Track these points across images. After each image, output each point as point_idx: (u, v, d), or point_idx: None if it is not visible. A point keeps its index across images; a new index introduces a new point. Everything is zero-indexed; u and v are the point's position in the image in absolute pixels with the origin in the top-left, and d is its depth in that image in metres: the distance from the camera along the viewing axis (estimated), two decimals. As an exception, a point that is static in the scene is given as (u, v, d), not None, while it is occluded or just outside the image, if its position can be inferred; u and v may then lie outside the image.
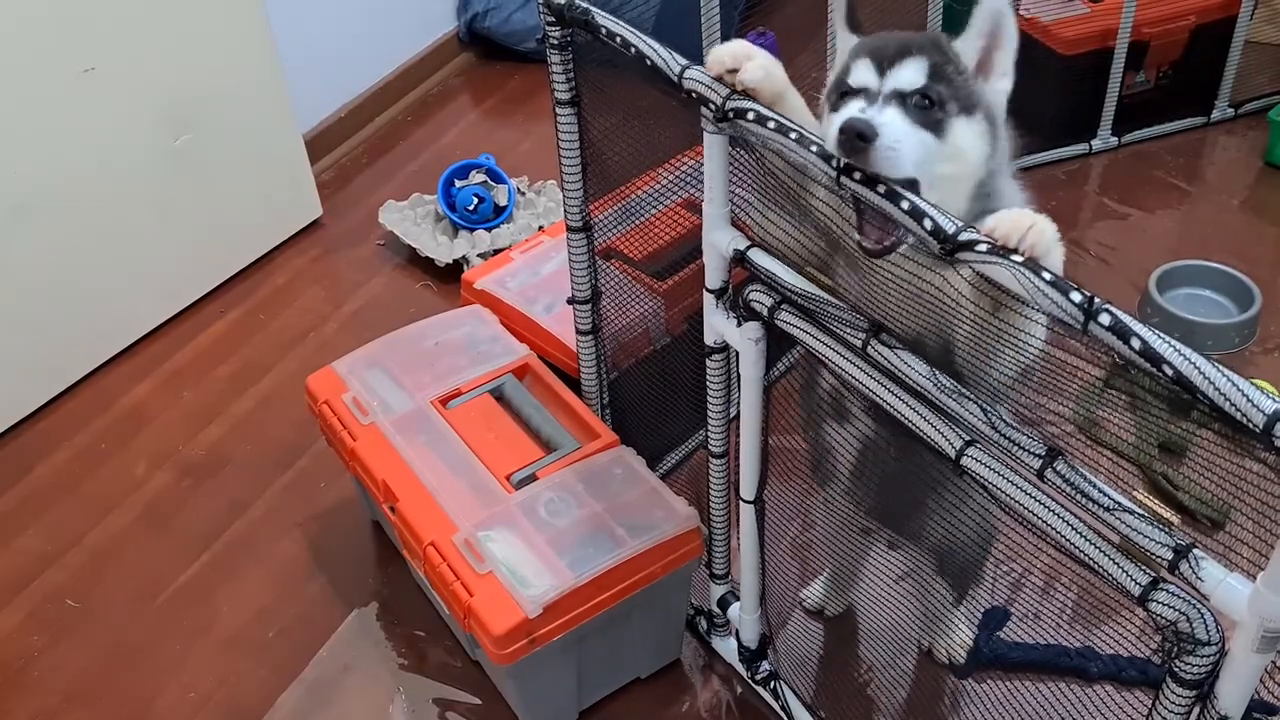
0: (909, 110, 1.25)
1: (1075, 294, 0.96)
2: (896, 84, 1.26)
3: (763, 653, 1.84)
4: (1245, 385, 0.86)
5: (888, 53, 1.28)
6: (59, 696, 1.94)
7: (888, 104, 1.25)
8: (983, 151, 1.30)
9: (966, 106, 1.28)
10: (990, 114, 1.31)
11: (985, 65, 1.31)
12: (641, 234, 1.90)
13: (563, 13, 1.50)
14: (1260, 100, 3.04)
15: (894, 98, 1.25)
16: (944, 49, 1.29)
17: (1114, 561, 1.04)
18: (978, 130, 1.29)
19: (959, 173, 1.29)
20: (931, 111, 1.25)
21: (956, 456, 1.18)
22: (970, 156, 1.29)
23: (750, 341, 1.47)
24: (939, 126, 1.26)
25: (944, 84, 1.26)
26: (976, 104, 1.29)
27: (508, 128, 3.31)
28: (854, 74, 1.29)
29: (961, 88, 1.28)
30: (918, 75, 1.26)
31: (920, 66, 1.26)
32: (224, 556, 2.16)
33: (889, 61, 1.27)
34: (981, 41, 1.30)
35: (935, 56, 1.27)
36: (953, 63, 1.29)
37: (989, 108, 1.31)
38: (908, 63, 1.26)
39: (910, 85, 1.25)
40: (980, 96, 1.30)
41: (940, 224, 1.07)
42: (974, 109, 1.28)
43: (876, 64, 1.28)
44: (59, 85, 2.30)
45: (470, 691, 1.90)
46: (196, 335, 2.65)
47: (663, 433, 2.13)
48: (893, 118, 1.23)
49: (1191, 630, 1.00)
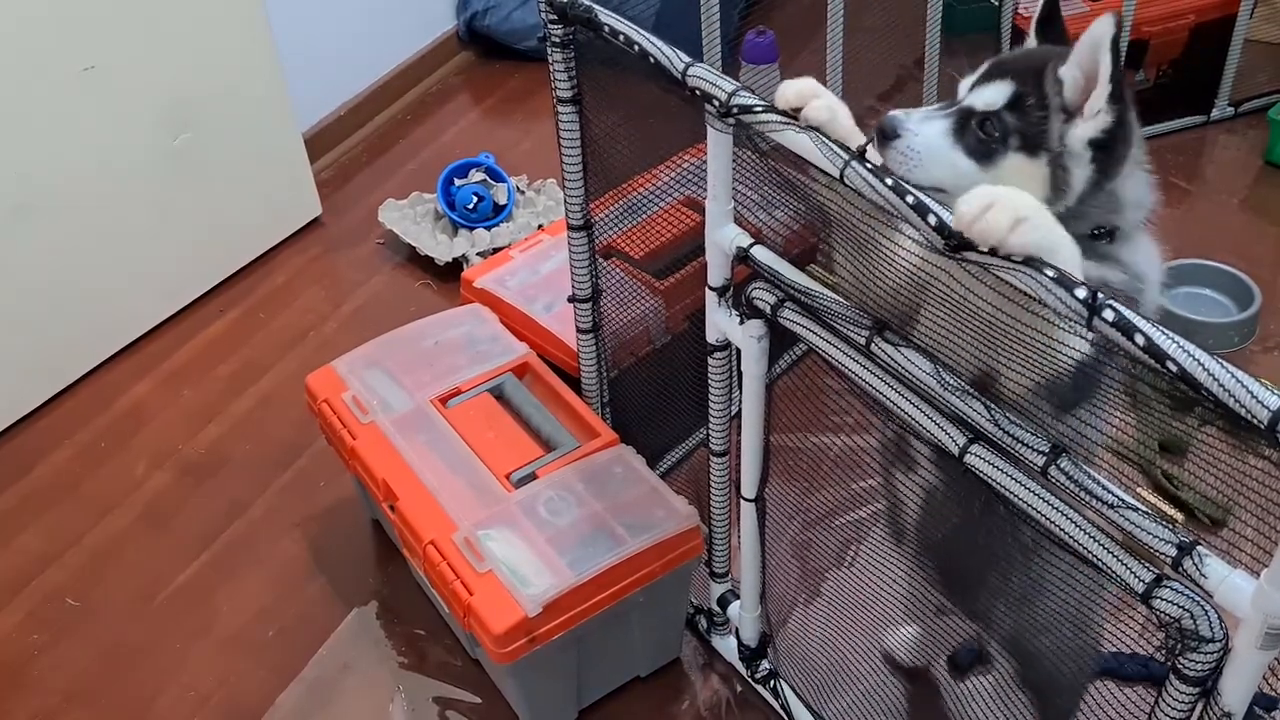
0: (968, 130, 1.24)
1: (1080, 290, 0.96)
2: (971, 100, 1.26)
3: (763, 651, 1.84)
4: (1249, 381, 0.86)
5: (991, 72, 1.28)
6: (59, 696, 1.94)
7: (950, 116, 1.25)
8: (1034, 194, 1.22)
9: (1030, 145, 1.24)
10: (1059, 161, 1.24)
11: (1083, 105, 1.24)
12: (642, 232, 1.90)
13: (565, 10, 1.50)
14: (1260, 99, 3.04)
15: (962, 113, 1.25)
16: (1041, 79, 1.24)
17: (1118, 559, 1.04)
18: (1031, 172, 1.24)
19: None
20: (988, 140, 1.24)
21: (960, 454, 1.18)
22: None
23: (753, 339, 1.47)
24: (988, 155, 1.24)
25: (1015, 115, 1.24)
26: (1043, 145, 1.24)
27: (507, 126, 3.31)
28: (968, 78, 1.30)
29: (1033, 125, 1.24)
30: (995, 98, 1.24)
31: (1000, 91, 1.25)
32: (224, 556, 2.15)
33: (983, 77, 1.28)
34: (1078, 74, 1.23)
35: (1023, 85, 1.24)
36: (1041, 95, 1.24)
37: (1059, 154, 1.24)
38: (992, 85, 1.26)
39: (983, 106, 1.25)
40: (1052, 139, 1.24)
41: (945, 220, 1.07)
42: (1038, 150, 1.24)
43: (978, 76, 1.28)
44: (58, 84, 2.30)
45: (470, 690, 1.90)
46: (196, 334, 2.65)
47: (663, 431, 2.13)
48: (931, 129, 1.22)
49: (1195, 627, 1.00)
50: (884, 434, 1.46)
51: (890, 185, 1.12)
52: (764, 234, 1.46)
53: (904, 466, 1.43)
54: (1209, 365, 0.88)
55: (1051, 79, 1.24)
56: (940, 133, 1.23)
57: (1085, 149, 1.23)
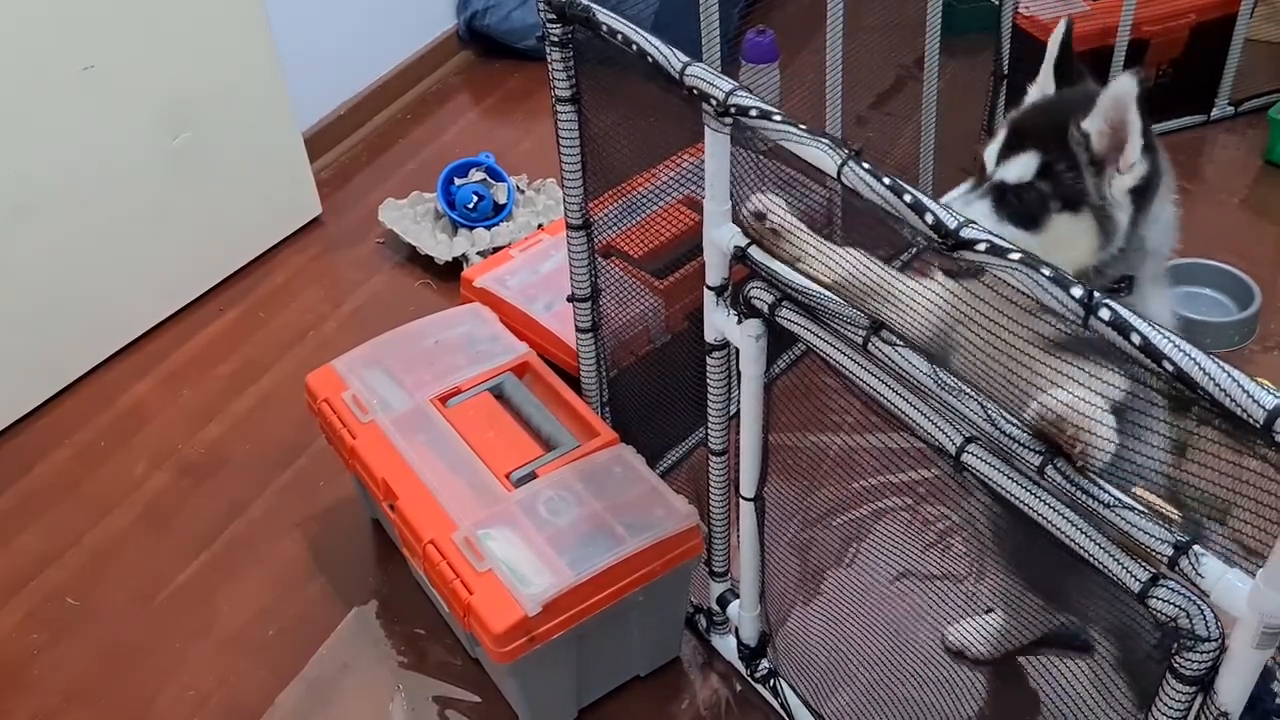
0: (1006, 203, 1.32)
1: (1076, 289, 0.96)
2: (1004, 175, 1.33)
3: (762, 651, 1.84)
4: (1245, 380, 0.86)
5: (1013, 140, 1.33)
6: (58, 696, 1.94)
7: (987, 195, 1.33)
8: (1086, 246, 1.31)
9: (1071, 204, 1.30)
10: (1102, 212, 1.30)
11: (1111, 154, 1.29)
12: (641, 231, 1.90)
13: (563, 10, 1.50)
14: (1260, 98, 3.04)
15: (997, 189, 1.32)
16: (1065, 140, 1.29)
17: (1114, 558, 1.04)
18: (1080, 227, 1.30)
19: (1056, 260, 1.24)
20: (1029, 207, 1.30)
21: (957, 454, 1.18)
22: (1068, 250, 1.30)
23: (751, 339, 1.47)
24: (1034, 221, 1.31)
25: (1050, 181, 1.29)
26: (1084, 201, 1.30)
27: (507, 126, 3.31)
28: (989, 145, 1.36)
29: (1069, 185, 1.29)
30: (1025, 171, 1.31)
31: (1029, 163, 1.31)
32: (223, 555, 2.16)
33: (1006, 150, 1.33)
34: (1105, 127, 1.28)
35: (1049, 152, 1.30)
36: (1069, 157, 1.29)
37: (1100, 205, 1.30)
38: (1020, 158, 1.31)
39: (1015, 179, 1.31)
40: (1091, 194, 1.30)
41: (942, 219, 1.07)
42: (1080, 206, 1.30)
43: (1000, 147, 1.34)
44: (58, 84, 2.30)
45: (470, 689, 1.90)
46: (196, 334, 2.65)
47: (662, 431, 2.13)
48: (977, 215, 1.27)
49: (1191, 626, 1.00)
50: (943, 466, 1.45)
51: (888, 184, 1.12)
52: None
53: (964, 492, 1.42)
54: (1205, 365, 0.88)
55: (1076, 137, 1.29)
56: (983, 214, 1.31)
57: (1126, 197, 1.29)
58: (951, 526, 1.99)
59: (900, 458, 1.94)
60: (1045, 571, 1.42)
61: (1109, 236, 1.31)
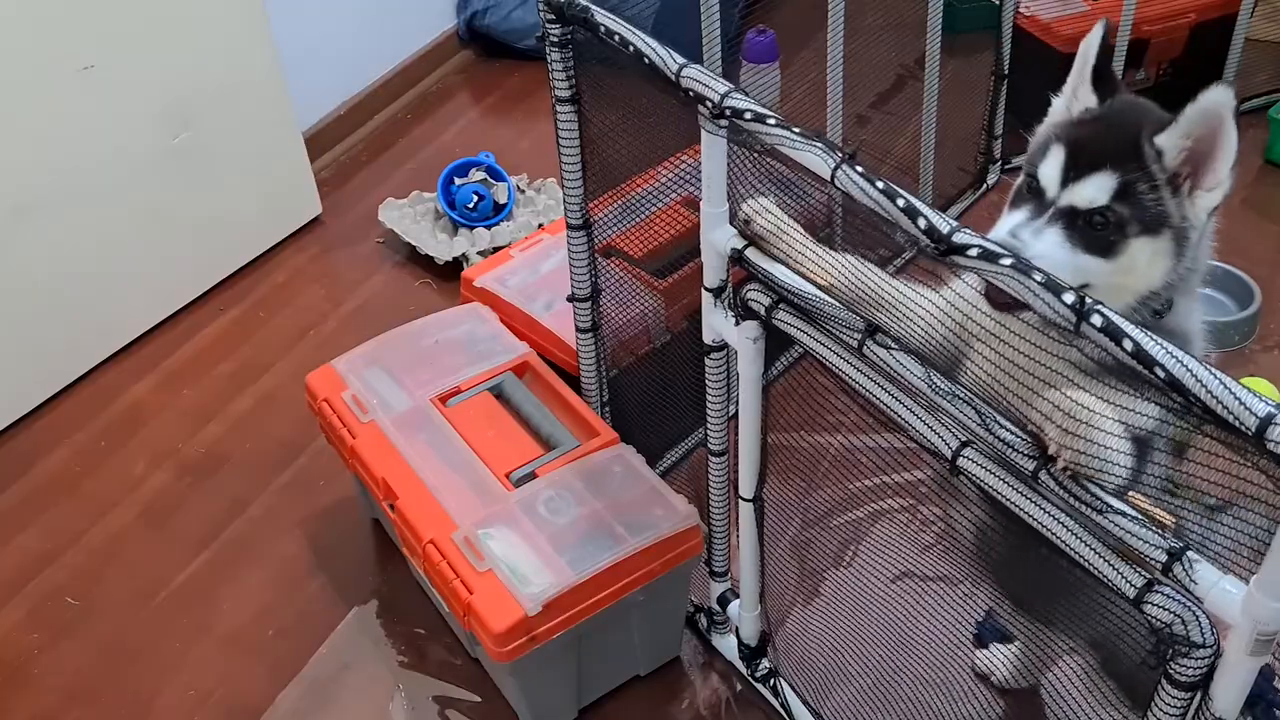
0: (1078, 229, 1.18)
1: (1068, 295, 0.96)
2: (1074, 199, 1.19)
3: (762, 650, 1.84)
4: (1237, 388, 0.86)
5: (1078, 159, 1.19)
6: (59, 695, 1.94)
7: (1054, 221, 1.19)
8: (1161, 269, 1.20)
9: (1151, 226, 1.18)
10: (1181, 232, 1.19)
11: (1192, 172, 1.19)
12: (641, 231, 1.91)
13: (563, 10, 1.50)
14: (1260, 98, 3.04)
15: (1065, 214, 1.19)
16: (1141, 157, 1.18)
17: (1109, 563, 1.04)
18: (1159, 249, 1.19)
19: (1126, 285, 1.21)
20: (1106, 232, 1.17)
21: (952, 458, 1.18)
22: (1142, 275, 1.21)
23: (748, 340, 1.47)
24: (1111, 248, 1.18)
25: (1129, 203, 1.17)
26: (1165, 223, 1.18)
27: (507, 125, 3.31)
28: (1044, 164, 1.22)
29: (1150, 206, 1.18)
30: (1100, 194, 1.18)
31: (1106, 184, 1.18)
32: (223, 555, 2.16)
33: (1075, 172, 1.19)
34: (1189, 143, 1.17)
35: (1128, 171, 1.18)
36: (1147, 175, 1.18)
37: (1181, 225, 1.19)
38: (1093, 179, 1.18)
39: (1089, 204, 1.18)
40: (1172, 213, 1.18)
41: (934, 224, 1.07)
42: (1160, 228, 1.18)
43: (1063, 168, 1.20)
44: (58, 83, 2.30)
45: (470, 689, 1.90)
46: (196, 333, 2.65)
47: (662, 430, 2.13)
48: (1050, 246, 1.17)
49: (1186, 632, 1.00)
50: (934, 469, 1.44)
51: (881, 189, 1.11)
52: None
53: (953, 500, 1.38)
54: (1197, 372, 0.88)
55: (1151, 153, 1.18)
56: (1057, 244, 1.18)
57: (1205, 215, 1.20)
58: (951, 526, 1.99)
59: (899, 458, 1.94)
60: (1024, 580, 1.39)
61: (1181, 257, 1.20)
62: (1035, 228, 1.20)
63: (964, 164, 2.89)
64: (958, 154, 2.85)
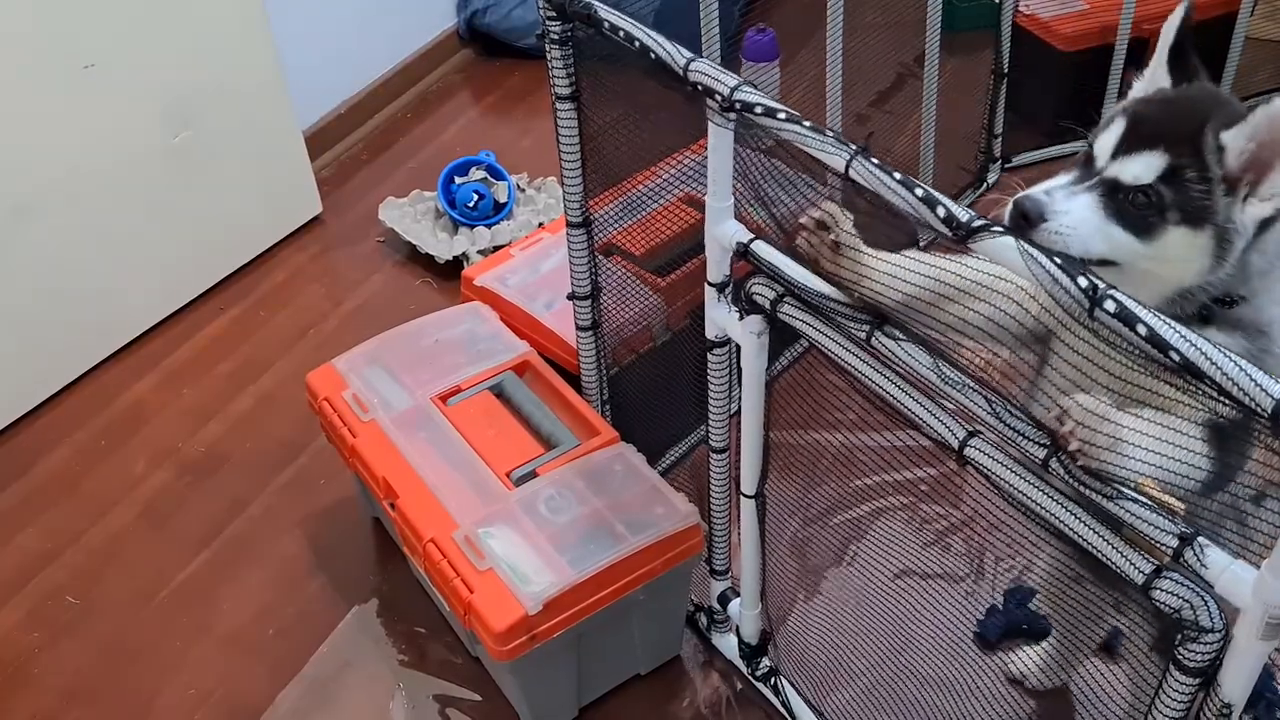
0: (1116, 201, 1.17)
1: (1081, 279, 0.96)
2: (1119, 172, 1.18)
3: (763, 649, 1.84)
4: (1253, 370, 0.86)
5: (1135, 135, 1.18)
6: (59, 694, 1.94)
7: (1095, 189, 1.18)
8: (1196, 267, 1.17)
9: (1193, 219, 1.15)
10: (1224, 233, 1.16)
11: (1253, 175, 1.15)
12: (642, 229, 1.90)
13: (564, 7, 1.49)
14: (1260, 96, 3.00)
15: (1108, 185, 1.18)
16: (1199, 146, 1.16)
17: (1118, 550, 1.04)
18: (1196, 245, 1.16)
19: (1159, 274, 1.19)
20: (1146, 211, 1.16)
21: (960, 447, 1.17)
22: (1174, 267, 1.18)
23: (752, 335, 1.46)
24: (1147, 229, 1.16)
25: (1174, 188, 1.15)
26: (1208, 219, 1.15)
27: (508, 124, 3.31)
28: (1102, 135, 1.21)
29: (1197, 198, 1.15)
30: (1147, 172, 1.16)
31: (1154, 164, 1.16)
32: (224, 554, 2.15)
33: (1127, 146, 1.18)
34: (1253, 145, 1.14)
35: (1179, 156, 1.16)
36: (1200, 165, 1.15)
37: (1225, 226, 1.16)
38: (1142, 156, 1.17)
39: (1133, 179, 1.17)
40: (1218, 211, 1.15)
41: (953, 212, 1.07)
42: (1202, 223, 1.15)
43: (1118, 140, 1.19)
44: (58, 82, 2.30)
45: (470, 688, 1.90)
46: (196, 333, 2.64)
47: (663, 429, 2.13)
48: (1078, 205, 1.16)
49: (1195, 617, 1.00)
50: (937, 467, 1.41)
51: (899, 179, 1.11)
52: (764, 229, 1.46)
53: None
54: (1211, 354, 0.88)
55: (1211, 145, 1.16)
56: (1089, 206, 1.17)
57: (1254, 225, 1.17)
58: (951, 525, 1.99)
59: (901, 456, 1.94)
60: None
61: (1221, 261, 1.17)
62: (1072, 191, 1.19)
63: (964, 162, 2.89)
64: (957, 152, 2.85)
